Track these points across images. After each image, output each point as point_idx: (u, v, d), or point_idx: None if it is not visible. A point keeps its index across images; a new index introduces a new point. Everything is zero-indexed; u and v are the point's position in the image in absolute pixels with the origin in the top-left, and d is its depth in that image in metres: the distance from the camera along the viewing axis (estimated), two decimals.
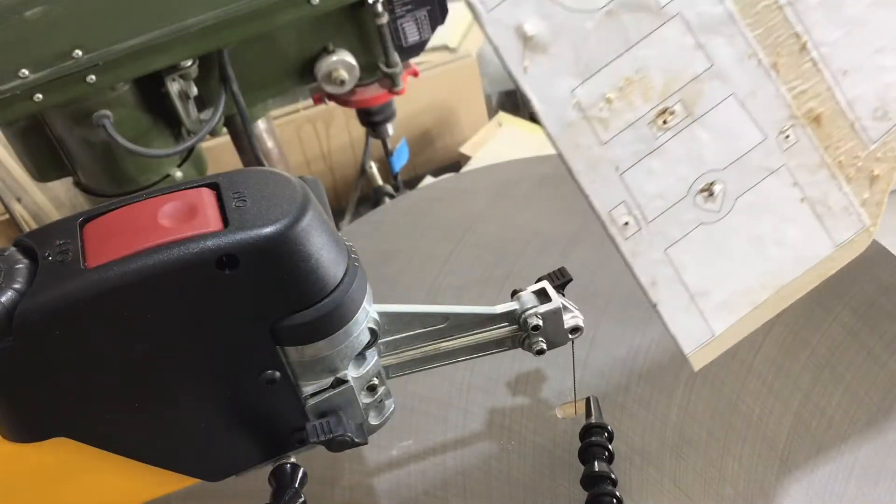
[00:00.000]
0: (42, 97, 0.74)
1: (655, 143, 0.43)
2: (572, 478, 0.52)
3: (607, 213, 0.43)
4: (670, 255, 0.44)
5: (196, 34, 0.77)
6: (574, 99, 0.41)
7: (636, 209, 0.43)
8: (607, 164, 0.43)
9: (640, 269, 0.44)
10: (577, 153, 0.42)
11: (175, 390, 0.38)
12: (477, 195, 0.78)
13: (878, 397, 0.53)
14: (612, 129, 0.42)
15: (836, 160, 0.45)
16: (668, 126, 0.43)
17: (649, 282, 0.44)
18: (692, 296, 0.45)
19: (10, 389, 0.36)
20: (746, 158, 0.44)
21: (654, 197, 0.44)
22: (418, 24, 0.91)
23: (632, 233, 0.44)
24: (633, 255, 0.44)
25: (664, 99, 0.42)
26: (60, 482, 0.40)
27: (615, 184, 0.43)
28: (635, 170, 0.43)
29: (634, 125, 0.43)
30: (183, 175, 0.90)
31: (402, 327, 0.43)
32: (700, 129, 0.43)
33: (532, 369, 0.59)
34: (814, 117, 0.44)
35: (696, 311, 0.46)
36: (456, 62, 1.54)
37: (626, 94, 0.42)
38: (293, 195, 0.37)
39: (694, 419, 0.54)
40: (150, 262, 0.34)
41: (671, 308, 0.45)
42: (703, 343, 0.46)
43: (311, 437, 0.40)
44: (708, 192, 0.44)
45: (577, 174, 0.42)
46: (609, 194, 0.43)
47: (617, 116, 0.42)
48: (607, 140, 0.42)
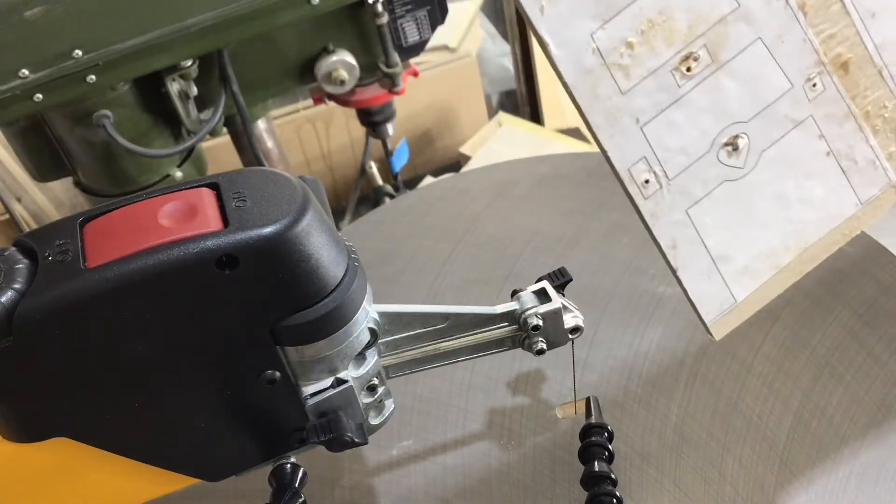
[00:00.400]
0: (42, 97, 0.74)
1: (678, 92, 0.41)
2: (572, 478, 0.52)
3: (626, 169, 0.41)
4: (692, 216, 0.42)
5: (196, 34, 0.77)
6: (594, 43, 0.39)
7: (657, 165, 0.41)
8: (628, 115, 0.40)
9: (661, 231, 0.42)
10: (595, 104, 0.40)
11: (175, 390, 0.38)
12: (477, 195, 0.78)
13: (878, 397, 0.53)
14: (634, 77, 0.40)
15: (863, 110, 0.43)
16: (691, 73, 0.41)
17: (669, 244, 0.42)
18: (714, 260, 0.43)
19: (10, 389, 0.36)
20: (772, 109, 0.42)
21: (676, 152, 0.41)
22: (418, 24, 0.91)
23: (652, 191, 0.42)
24: (652, 216, 0.42)
25: (688, 43, 0.40)
26: (60, 482, 0.40)
27: (636, 137, 0.41)
28: (657, 122, 0.41)
29: (657, 73, 0.40)
30: (183, 175, 0.90)
31: (402, 327, 0.43)
32: (725, 77, 0.41)
33: (532, 369, 0.59)
34: (841, 63, 0.43)
35: (717, 276, 0.44)
36: (456, 62, 1.54)
37: (648, 38, 0.40)
38: (293, 195, 0.37)
39: (694, 419, 0.54)
40: (150, 262, 0.34)
41: (692, 273, 0.43)
42: (726, 311, 0.44)
43: (311, 437, 0.40)
44: (732, 146, 0.42)
45: (596, 127, 0.40)
46: (629, 149, 0.41)
47: (639, 63, 0.40)
48: (628, 89, 0.40)
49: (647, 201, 0.42)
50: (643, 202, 0.42)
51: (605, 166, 0.42)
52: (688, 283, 0.43)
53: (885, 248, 0.62)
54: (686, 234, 0.42)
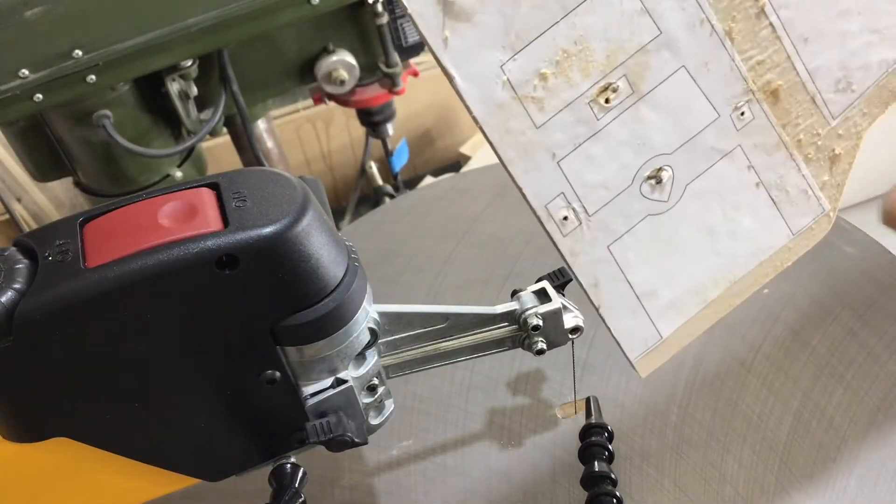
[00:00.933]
0: (42, 97, 0.74)
1: (597, 125, 0.38)
2: (572, 478, 0.52)
3: (543, 206, 0.39)
4: (614, 252, 0.41)
5: (196, 34, 0.77)
6: (504, 76, 0.37)
7: (576, 201, 0.39)
8: (543, 150, 0.38)
9: (581, 270, 0.40)
10: (507, 139, 0.38)
11: (175, 390, 0.38)
12: (477, 195, 0.78)
13: (878, 397, 0.53)
14: (548, 111, 0.38)
15: (794, 139, 0.42)
16: (610, 105, 0.38)
17: (591, 283, 0.41)
18: (638, 296, 0.42)
19: (10, 389, 0.36)
20: (697, 140, 0.40)
21: (595, 187, 0.39)
22: None
23: (571, 228, 0.40)
24: (572, 254, 0.40)
25: (606, 74, 0.38)
26: (60, 482, 0.40)
27: (552, 173, 0.39)
28: (574, 156, 0.39)
29: (573, 105, 0.38)
30: (183, 175, 0.90)
31: (402, 327, 0.43)
32: (646, 108, 0.39)
33: (532, 369, 0.59)
34: (771, 91, 0.41)
35: (642, 312, 0.42)
36: None
37: (563, 68, 0.37)
38: (293, 195, 0.37)
39: (694, 419, 0.54)
40: (150, 262, 0.34)
41: (615, 311, 0.41)
42: (651, 347, 0.43)
43: (311, 437, 0.40)
44: (656, 180, 0.40)
45: (509, 163, 0.38)
46: (545, 185, 0.39)
47: (553, 95, 0.38)
48: (542, 123, 0.38)
49: (565, 239, 0.40)
50: (562, 240, 0.40)
51: None
52: (611, 321, 0.41)
53: (885, 248, 0.62)
54: (608, 272, 0.41)
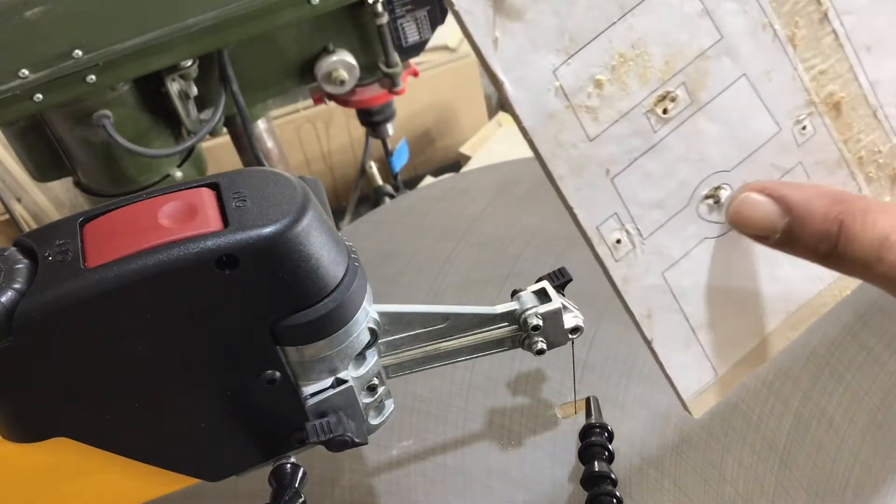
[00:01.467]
0: (42, 97, 0.74)
1: (653, 137, 0.35)
2: (572, 478, 0.52)
3: (595, 228, 0.36)
4: (669, 280, 0.37)
5: (196, 34, 0.77)
6: (557, 82, 0.34)
7: (630, 223, 0.36)
8: (596, 165, 0.35)
9: (634, 299, 0.37)
10: (559, 152, 0.34)
11: (175, 390, 0.38)
12: (477, 195, 0.78)
13: (878, 397, 0.53)
14: (603, 121, 0.35)
15: (856, 156, 0.38)
16: (668, 116, 0.35)
17: (644, 314, 0.38)
18: (693, 329, 0.38)
19: (10, 389, 0.36)
20: (757, 156, 0.37)
21: (651, 207, 0.36)
22: (418, 24, 0.91)
23: (624, 253, 0.37)
24: (625, 282, 0.37)
25: (665, 81, 0.35)
26: (60, 482, 0.40)
27: (605, 191, 0.36)
28: (629, 173, 0.36)
29: (629, 115, 0.35)
30: (183, 175, 0.90)
31: (402, 327, 0.43)
32: (705, 120, 0.36)
33: (532, 369, 0.59)
34: (834, 103, 0.37)
35: (697, 347, 0.39)
36: (456, 62, 1.54)
37: (619, 74, 0.34)
38: (293, 195, 0.37)
39: (694, 419, 0.54)
40: (150, 262, 0.34)
41: (669, 346, 0.38)
42: (705, 386, 0.39)
43: (311, 437, 0.40)
44: (714, 200, 0.37)
45: (559, 180, 0.35)
46: (598, 204, 0.36)
47: (608, 104, 0.35)
48: (596, 135, 0.35)
49: (618, 264, 0.37)
50: (614, 265, 0.37)
51: None
52: (664, 356, 0.38)
53: None
54: (662, 301, 0.38)
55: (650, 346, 0.38)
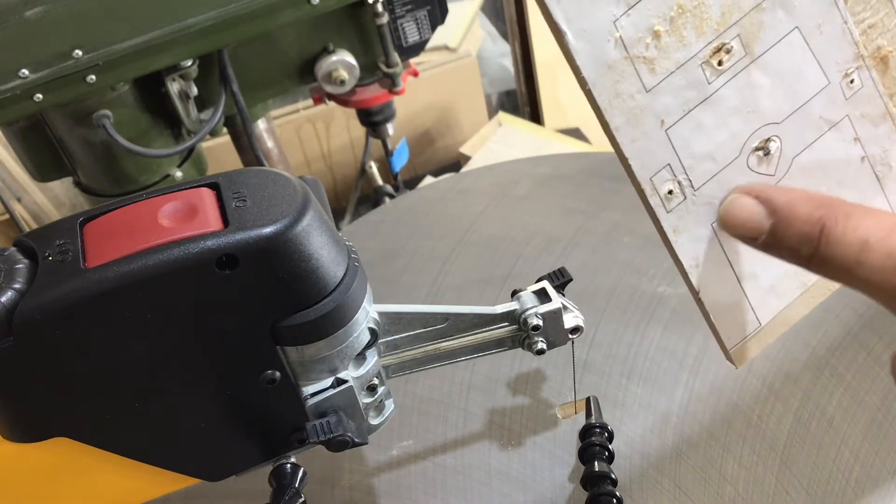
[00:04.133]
0: (42, 97, 0.74)
1: (708, 89, 0.36)
2: (572, 478, 0.52)
3: (648, 179, 0.36)
4: (717, 230, 0.38)
5: (196, 34, 0.77)
6: (616, 33, 0.34)
7: (682, 174, 0.37)
8: (651, 116, 0.36)
9: (683, 249, 0.38)
10: (616, 103, 0.35)
11: (175, 390, 0.38)
12: (477, 195, 0.78)
13: (878, 397, 0.53)
14: (660, 72, 0.35)
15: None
16: (723, 68, 0.36)
17: (693, 264, 0.38)
18: (739, 279, 0.39)
19: (10, 389, 0.36)
20: (807, 108, 0.38)
21: (703, 158, 0.37)
22: (418, 24, 0.91)
23: (676, 203, 0.37)
24: (675, 232, 0.37)
25: (721, 33, 0.35)
26: (60, 482, 0.40)
27: (660, 142, 0.36)
28: (683, 124, 0.36)
29: (685, 66, 0.35)
30: (183, 175, 0.90)
31: (402, 327, 0.43)
32: (758, 72, 0.37)
33: (532, 369, 0.59)
34: (881, 57, 0.38)
35: (742, 297, 0.39)
36: (456, 62, 1.54)
37: (677, 26, 0.35)
38: (293, 195, 0.37)
39: (694, 419, 0.54)
40: (150, 262, 0.34)
41: (716, 295, 0.39)
42: (749, 336, 0.40)
43: (311, 437, 0.40)
44: (763, 151, 0.38)
45: (616, 130, 0.35)
46: (652, 155, 0.36)
47: (665, 55, 0.35)
48: (653, 86, 0.35)
49: (669, 215, 0.37)
50: (665, 216, 0.37)
51: (605, 167, 0.41)
52: (711, 306, 0.39)
53: None
54: (711, 251, 0.38)
55: (697, 296, 0.39)
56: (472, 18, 1.61)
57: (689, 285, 0.39)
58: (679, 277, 0.39)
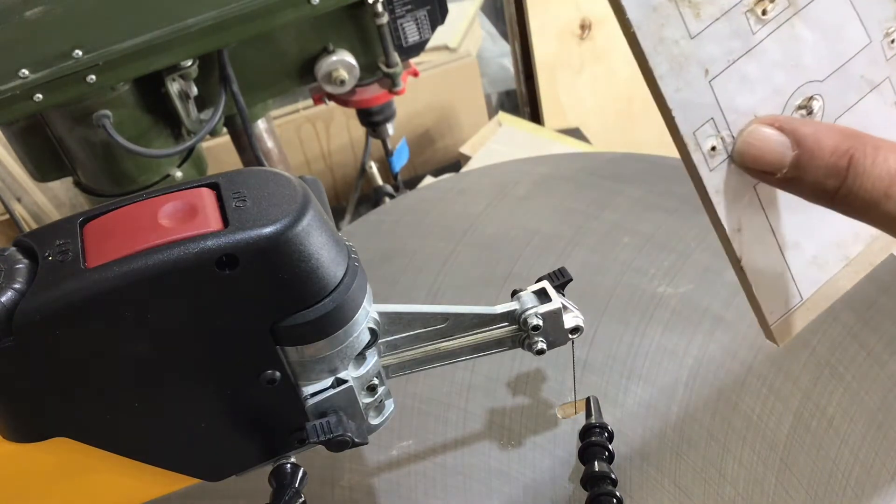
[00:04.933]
0: (42, 97, 0.74)
1: (752, 39, 0.35)
2: (572, 478, 0.52)
3: (692, 133, 0.34)
4: (760, 194, 0.36)
5: (196, 34, 0.77)
6: None
7: (725, 129, 0.35)
8: (696, 65, 0.34)
9: (725, 211, 0.36)
10: (661, 48, 0.33)
11: (175, 390, 0.38)
12: (477, 195, 0.78)
13: (878, 397, 0.53)
14: (705, 18, 0.34)
15: None
16: (767, 17, 0.35)
17: (735, 228, 0.36)
18: (781, 248, 0.37)
19: (11, 389, 0.36)
20: (848, 67, 0.37)
21: (745, 113, 0.35)
22: (418, 24, 0.91)
23: (718, 161, 0.35)
24: (717, 192, 0.35)
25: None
26: (60, 482, 0.40)
27: (704, 93, 0.34)
28: (727, 75, 0.35)
29: (730, 13, 0.34)
30: (183, 175, 0.90)
31: (402, 327, 0.43)
32: (801, 25, 0.36)
33: (532, 369, 0.59)
34: None
35: (784, 268, 0.37)
36: (456, 62, 1.54)
37: None
38: (293, 195, 0.37)
39: (694, 419, 0.54)
40: (150, 262, 0.34)
41: (758, 264, 0.37)
42: (792, 310, 0.38)
43: (311, 437, 0.40)
44: (806, 110, 0.36)
45: (660, 79, 0.34)
46: (696, 108, 0.34)
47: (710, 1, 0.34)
48: (698, 32, 0.34)
49: (712, 173, 0.35)
50: (708, 174, 0.35)
51: (605, 167, 0.40)
52: (752, 275, 0.37)
53: None
54: (752, 216, 0.36)
55: (738, 264, 0.37)
56: (472, 18, 1.61)
57: (730, 252, 0.37)
58: (679, 277, 0.39)
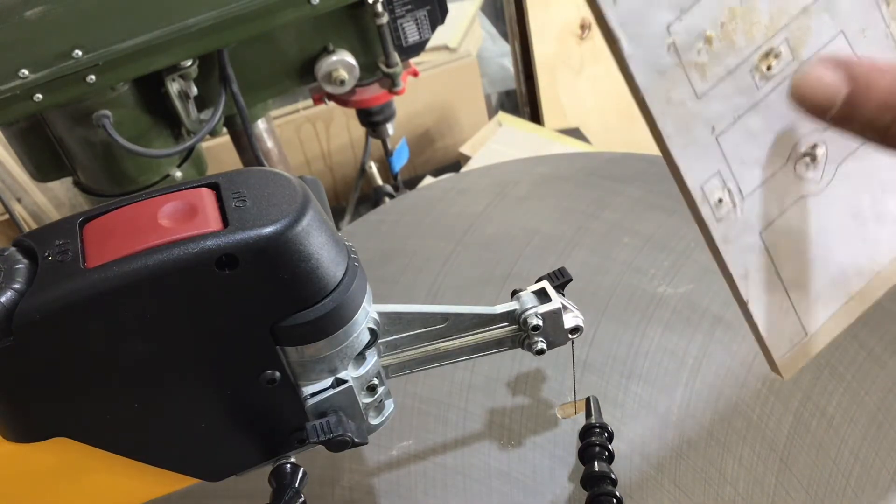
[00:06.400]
0: (42, 97, 0.74)
1: (757, 95, 0.36)
2: (572, 478, 0.52)
3: (699, 187, 0.36)
4: (766, 239, 0.38)
5: (196, 34, 0.77)
6: (670, 38, 0.34)
7: (731, 181, 0.36)
8: (702, 123, 0.35)
9: (732, 258, 0.37)
10: (668, 110, 0.34)
11: (175, 390, 0.38)
12: (477, 195, 0.78)
13: (878, 397, 0.53)
14: (711, 78, 0.35)
15: None
16: (771, 73, 0.36)
17: (742, 274, 0.37)
18: (786, 288, 0.38)
19: (10, 389, 0.36)
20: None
21: (751, 165, 0.36)
22: (418, 24, 0.91)
23: (725, 212, 0.36)
24: (725, 241, 0.37)
25: (770, 38, 0.35)
26: (60, 482, 0.40)
27: (710, 149, 0.35)
28: (733, 130, 0.36)
29: (735, 72, 0.35)
30: (183, 175, 0.90)
31: (402, 327, 0.43)
32: None
33: (532, 369, 0.59)
34: None
35: (789, 306, 0.39)
36: (456, 62, 1.54)
37: (728, 31, 0.34)
38: (293, 195, 0.37)
39: (694, 419, 0.54)
40: (149, 262, 0.34)
41: (764, 305, 0.38)
42: (795, 346, 0.40)
43: (311, 437, 0.40)
44: (810, 157, 0.37)
45: (668, 138, 0.35)
46: (703, 163, 0.35)
47: (716, 61, 0.35)
48: (704, 92, 0.35)
49: (720, 224, 0.36)
50: (715, 225, 0.36)
51: (605, 167, 0.40)
52: (759, 316, 0.38)
53: None
54: (759, 261, 0.38)
55: (745, 306, 0.38)
56: (472, 18, 1.61)
57: (737, 295, 0.38)
58: (679, 277, 0.39)
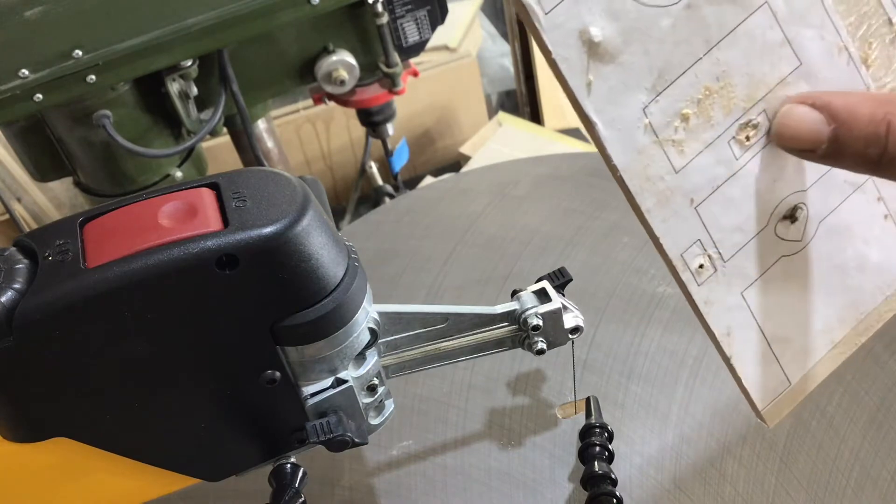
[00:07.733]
0: (42, 97, 0.74)
1: (736, 164, 0.36)
2: (572, 478, 0.52)
3: (679, 255, 0.37)
4: (748, 299, 0.39)
5: (196, 34, 0.77)
6: (646, 119, 0.35)
7: (712, 247, 0.37)
8: (681, 196, 0.36)
9: (715, 319, 0.38)
10: (647, 186, 0.35)
11: (175, 390, 0.38)
12: (477, 195, 0.78)
13: (878, 397, 0.53)
14: (688, 154, 0.36)
15: None
16: (750, 143, 0.36)
17: (724, 332, 0.39)
18: (770, 344, 0.40)
19: (10, 389, 0.36)
20: (832, 173, 0.38)
21: (731, 231, 0.37)
22: (418, 24, 0.91)
23: (707, 276, 0.38)
24: (706, 304, 0.38)
25: (747, 110, 0.36)
26: (60, 482, 0.40)
27: (689, 219, 0.37)
28: (712, 200, 0.37)
29: (713, 145, 0.36)
30: (183, 175, 0.90)
31: (402, 327, 0.43)
32: None
33: (532, 369, 0.59)
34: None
35: (773, 360, 0.40)
36: (456, 62, 1.54)
37: (705, 107, 0.35)
38: (293, 195, 0.37)
39: (694, 419, 0.54)
40: (149, 262, 0.34)
41: (747, 361, 0.40)
42: (779, 395, 0.41)
43: (311, 437, 0.40)
44: (791, 219, 0.38)
45: (647, 213, 0.36)
46: (682, 233, 0.37)
47: (694, 137, 0.36)
48: (682, 167, 0.36)
49: (700, 288, 0.38)
50: (697, 289, 0.38)
51: (604, 167, 0.40)
52: (742, 371, 0.40)
53: None
54: (741, 319, 0.39)
55: (729, 363, 0.40)
56: (472, 18, 1.61)
57: (721, 353, 0.39)
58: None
